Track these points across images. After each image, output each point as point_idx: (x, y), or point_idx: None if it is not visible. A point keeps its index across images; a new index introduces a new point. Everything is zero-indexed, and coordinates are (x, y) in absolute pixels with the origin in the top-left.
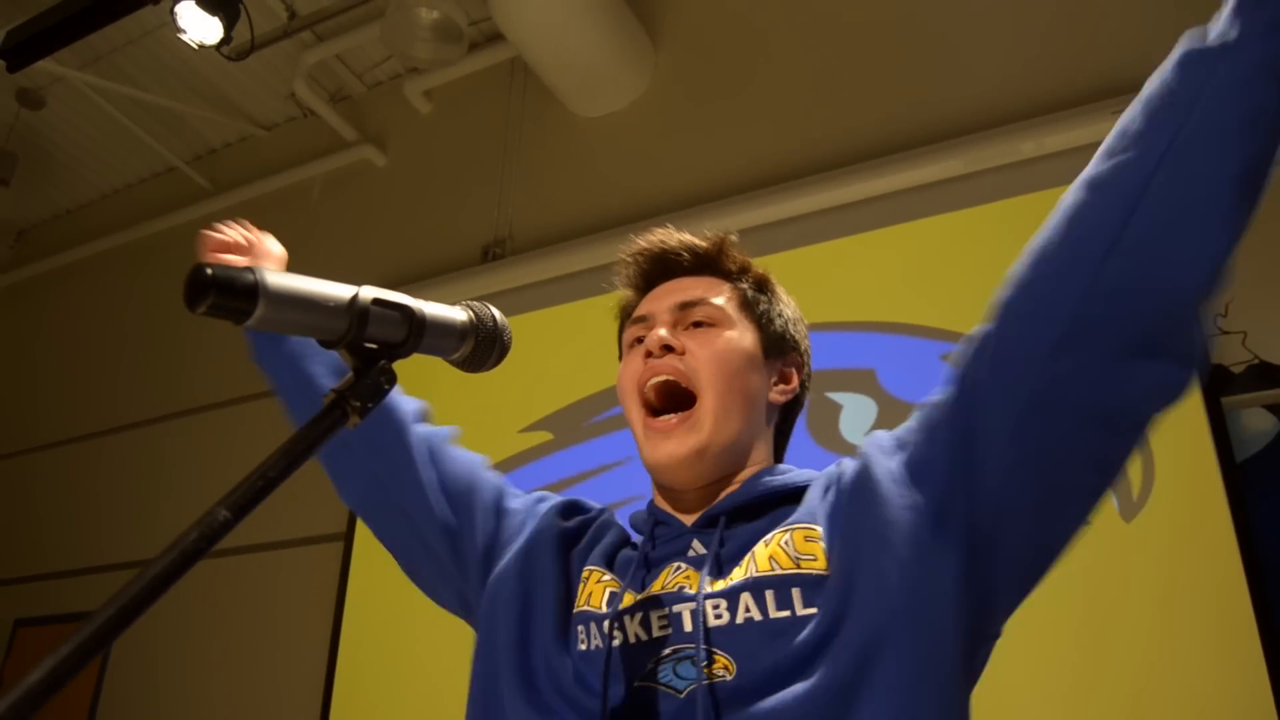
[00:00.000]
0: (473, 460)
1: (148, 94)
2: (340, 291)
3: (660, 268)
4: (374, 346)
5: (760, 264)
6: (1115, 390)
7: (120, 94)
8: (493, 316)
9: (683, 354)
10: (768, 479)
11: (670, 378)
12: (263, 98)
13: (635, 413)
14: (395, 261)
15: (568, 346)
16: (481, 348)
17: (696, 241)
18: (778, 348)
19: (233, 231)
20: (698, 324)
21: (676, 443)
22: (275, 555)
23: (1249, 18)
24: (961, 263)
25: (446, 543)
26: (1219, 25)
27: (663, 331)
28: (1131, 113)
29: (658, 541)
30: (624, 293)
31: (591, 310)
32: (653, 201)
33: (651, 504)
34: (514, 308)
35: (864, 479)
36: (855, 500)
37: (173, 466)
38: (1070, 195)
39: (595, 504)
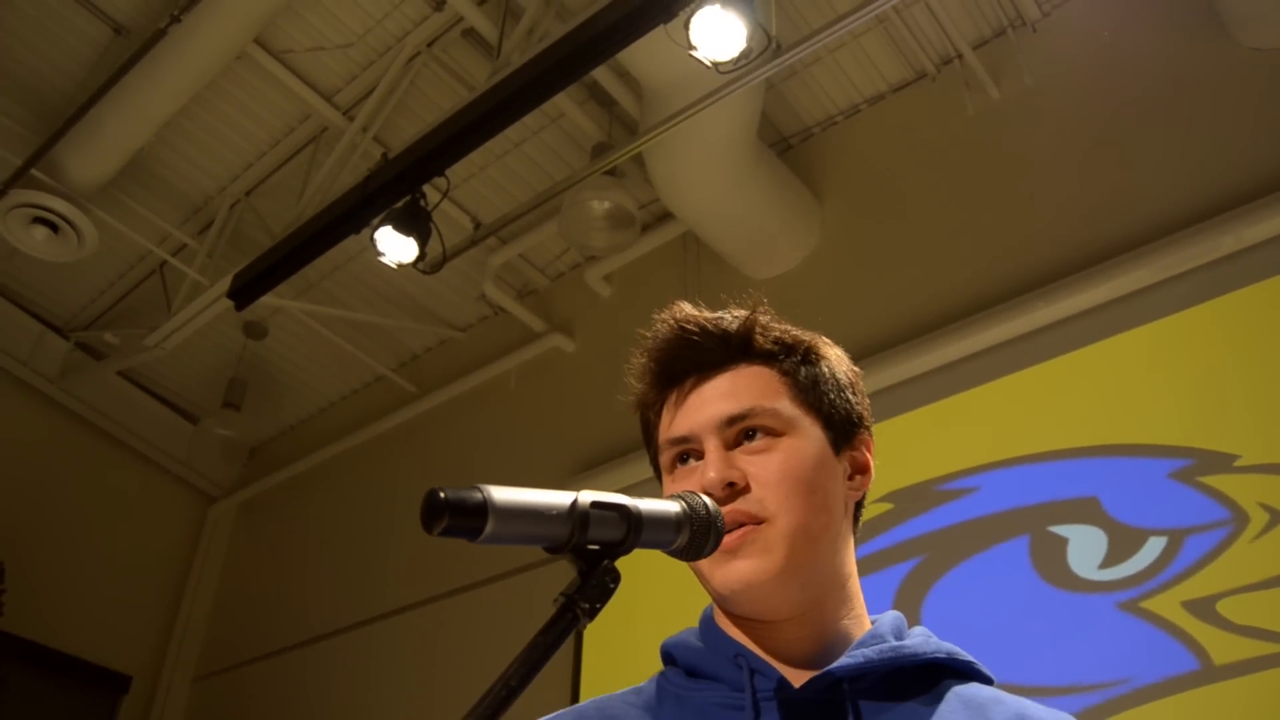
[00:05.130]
0: None
1: (354, 312)
2: (560, 499)
3: (684, 362)
4: (596, 547)
5: (799, 325)
6: None
7: (331, 315)
8: (705, 505)
9: (746, 489)
10: (900, 644)
11: (742, 525)
12: (456, 302)
13: None
14: (593, 440)
15: None
16: (697, 536)
17: (723, 327)
18: (845, 433)
19: None
20: (750, 433)
21: (749, 563)
22: None
23: None
24: (1173, 372)
25: None
26: None
27: (713, 474)
28: None
29: (761, 711)
30: (639, 387)
31: None
32: None
33: (729, 641)
34: None
35: None
36: None
37: (390, 664)
38: None
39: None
